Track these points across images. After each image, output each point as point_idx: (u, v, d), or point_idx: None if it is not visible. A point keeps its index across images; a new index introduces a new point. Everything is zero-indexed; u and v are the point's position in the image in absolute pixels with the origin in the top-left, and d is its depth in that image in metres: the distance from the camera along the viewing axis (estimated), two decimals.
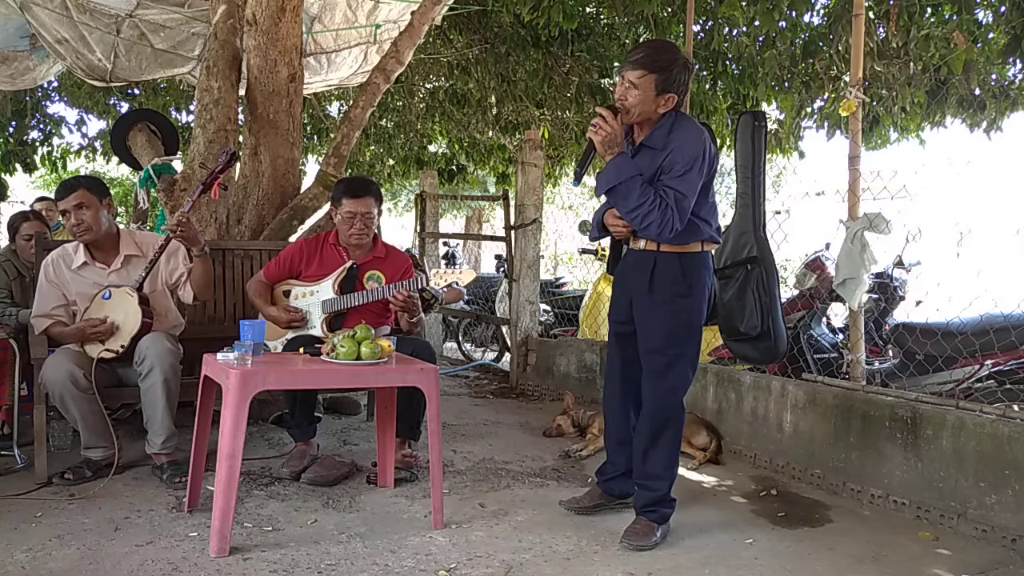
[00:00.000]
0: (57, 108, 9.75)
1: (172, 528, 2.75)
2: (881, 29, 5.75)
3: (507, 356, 6.47)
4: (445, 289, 3.26)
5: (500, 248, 7.64)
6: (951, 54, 5.30)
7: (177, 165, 5.02)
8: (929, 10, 5.52)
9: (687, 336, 2.76)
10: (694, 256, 2.75)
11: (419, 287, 3.34)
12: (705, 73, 7.07)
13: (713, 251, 2.86)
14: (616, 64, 7.50)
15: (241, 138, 4.63)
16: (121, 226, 3.58)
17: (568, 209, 15.80)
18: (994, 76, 6.00)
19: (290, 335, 3.52)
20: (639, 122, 2.72)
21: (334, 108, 10.16)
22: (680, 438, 2.87)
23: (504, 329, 6.77)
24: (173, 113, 9.40)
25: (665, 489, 2.81)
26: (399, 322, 3.54)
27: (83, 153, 10.27)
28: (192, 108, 5.29)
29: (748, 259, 3.82)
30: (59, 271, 3.38)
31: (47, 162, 9.82)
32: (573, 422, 4.27)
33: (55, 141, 9.80)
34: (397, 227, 17.18)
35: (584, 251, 7.82)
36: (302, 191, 4.61)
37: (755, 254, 3.81)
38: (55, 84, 9.07)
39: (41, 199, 6.30)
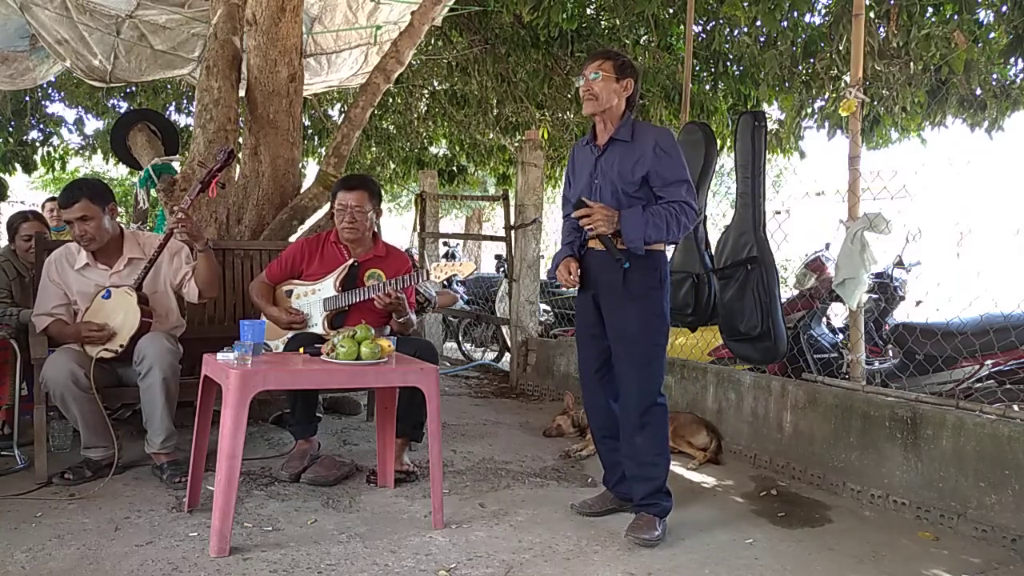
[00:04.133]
0: (56, 108, 9.76)
1: (172, 528, 2.75)
2: (881, 29, 5.75)
3: (507, 356, 6.48)
4: (437, 293, 3.27)
5: (500, 248, 7.65)
6: (952, 54, 5.30)
7: (177, 165, 5.02)
8: (930, 10, 5.52)
9: (661, 327, 2.88)
10: (660, 254, 2.90)
11: (409, 286, 3.37)
12: (706, 74, 7.07)
13: (669, 252, 3.00)
14: None
15: (241, 138, 4.63)
16: (124, 227, 3.57)
17: None
18: (995, 76, 6.00)
19: (291, 334, 3.52)
20: (603, 115, 2.87)
21: (335, 111, 10.14)
22: (667, 426, 2.91)
23: (504, 329, 6.77)
24: (172, 113, 9.40)
25: (661, 477, 2.84)
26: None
27: (82, 152, 10.26)
28: (192, 108, 5.28)
29: (748, 259, 3.82)
30: (62, 270, 3.38)
31: (47, 162, 9.82)
32: (573, 422, 4.27)
33: (54, 141, 9.80)
34: (397, 227, 17.17)
35: None
36: (302, 191, 4.62)
37: (755, 254, 3.81)
38: (54, 83, 9.06)
39: (51, 199, 6.31)
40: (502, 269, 8.32)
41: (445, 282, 3.40)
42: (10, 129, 9.29)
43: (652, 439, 2.84)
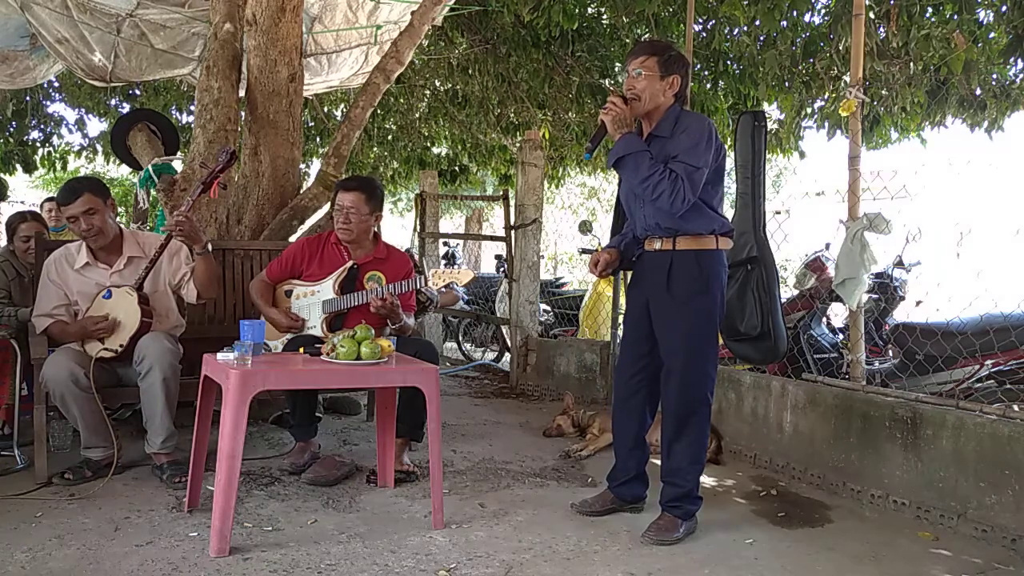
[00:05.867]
0: (57, 108, 9.76)
1: (172, 528, 2.75)
2: (881, 29, 5.75)
3: (507, 356, 6.48)
4: (443, 290, 3.28)
5: (500, 248, 7.65)
6: (951, 54, 5.30)
7: (177, 165, 5.02)
8: (929, 10, 5.52)
9: (707, 334, 2.81)
10: (711, 254, 2.80)
11: (409, 291, 3.37)
12: (706, 73, 7.08)
13: (727, 249, 2.89)
14: (618, 64, 7.51)
15: (241, 138, 4.63)
16: (123, 226, 3.57)
17: (568, 209, 15.81)
18: (995, 76, 5.99)
19: (290, 335, 3.52)
20: (647, 112, 2.80)
21: (338, 112, 10.15)
22: (706, 437, 2.90)
23: (504, 329, 6.77)
24: (173, 113, 9.40)
25: (690, 485, 2.84)
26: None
27: (83, 153, 10.26)
28: (192, 108, 5.29)
29: (748, 259, 3.82)
30: (61, 270, 3.37)
31: (48, 162, 9.82)
32: (573, 422, 4.27)
33: (55, 141, 9.80)
34: (397, 227, 17.18)
35: (584, 251, 7.83)
36: (302, 191, 4.62)
37: (755, 254, 3.81)
38: (55, 84, 9.07)
39: (49, 199, 6.31)
40: (502, 269, 8.32)
41: (444, 288, 3.40)
42: (11, 129, 9.29)
43: (688, 448, 2.83)
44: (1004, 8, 5.30)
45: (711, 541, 2.82)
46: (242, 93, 4.61)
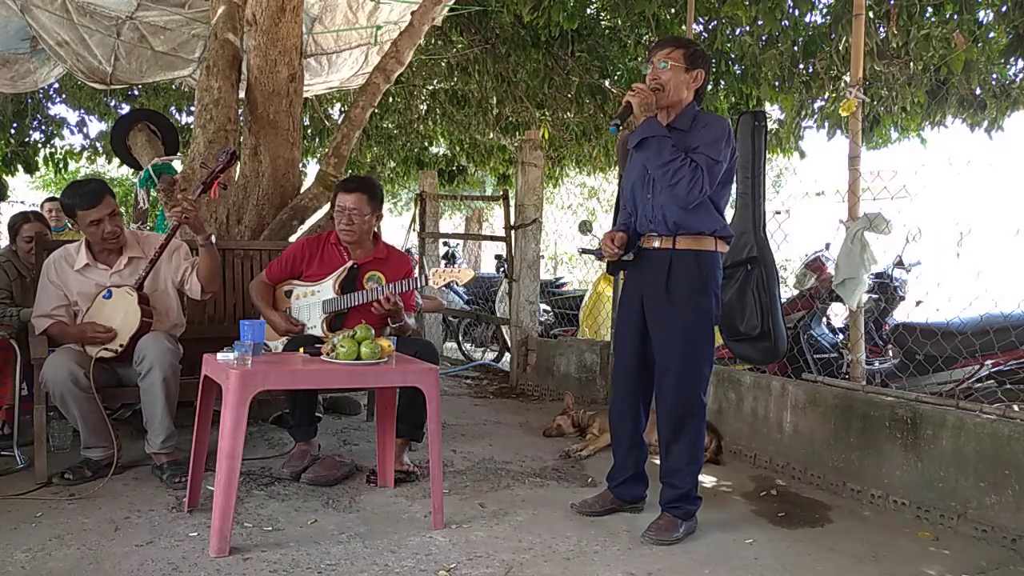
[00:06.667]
0: (58, 109, 9.77)
1: (172, 528, 2.75)
2: (881, 29, 5.75)
3: (507, 356, 6.48)
4: (423, 298, 3.30)
5: (500, 248, 7.66)
6: (951, 54, 5.30)
7: (177, 165, 5.02)
8: (929, 10, 5.52)
9: (704, 334, 2.82)
10: (709, 255, 2.81)
11: (410, 290, 3.38)
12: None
13: (724, 253, 2.90)
14: (619, 65, 7.50)
15: (241, 138, 4.64)
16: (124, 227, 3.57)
17: (568, 209, 15.81)
18: (995, 76, 5.99)
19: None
20: (668, 105, 2.81)
21: (335, 110, 10.15)
22: (703, 435, 2.91)
23: (504, 329, 6.77)
24: (173, 114, 9.40)
25: (688, 485, 2.84)
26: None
27: (85, 154, 10.27)
28: (192, 109, 5.29)
29: (748, 259, 3.82)
30: (61, 271, 3.37)
31: (50, 164, 9.83)
32: (573, 422, 4.27)
33: (57, 142, 9.81)
34: (397, 227, 17.19)
35: (584, 251, 7.83)
36: (302, 191, 4.62)
37: (755, 254, 3.81)
38: (56, 86, 9.08)
39: (50, 199, 6.31)
40: (502, 269, 8.33)
41: (444, 288, 3.41)
42: (12, 131, 9.30)
43: (686, 448, 2.84)
44: (1004, 8, 5.30)
45: (711, 541, 2.82)
46: (242, 93, 4.61)
